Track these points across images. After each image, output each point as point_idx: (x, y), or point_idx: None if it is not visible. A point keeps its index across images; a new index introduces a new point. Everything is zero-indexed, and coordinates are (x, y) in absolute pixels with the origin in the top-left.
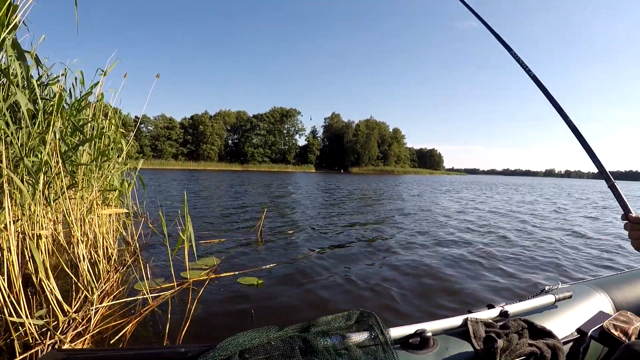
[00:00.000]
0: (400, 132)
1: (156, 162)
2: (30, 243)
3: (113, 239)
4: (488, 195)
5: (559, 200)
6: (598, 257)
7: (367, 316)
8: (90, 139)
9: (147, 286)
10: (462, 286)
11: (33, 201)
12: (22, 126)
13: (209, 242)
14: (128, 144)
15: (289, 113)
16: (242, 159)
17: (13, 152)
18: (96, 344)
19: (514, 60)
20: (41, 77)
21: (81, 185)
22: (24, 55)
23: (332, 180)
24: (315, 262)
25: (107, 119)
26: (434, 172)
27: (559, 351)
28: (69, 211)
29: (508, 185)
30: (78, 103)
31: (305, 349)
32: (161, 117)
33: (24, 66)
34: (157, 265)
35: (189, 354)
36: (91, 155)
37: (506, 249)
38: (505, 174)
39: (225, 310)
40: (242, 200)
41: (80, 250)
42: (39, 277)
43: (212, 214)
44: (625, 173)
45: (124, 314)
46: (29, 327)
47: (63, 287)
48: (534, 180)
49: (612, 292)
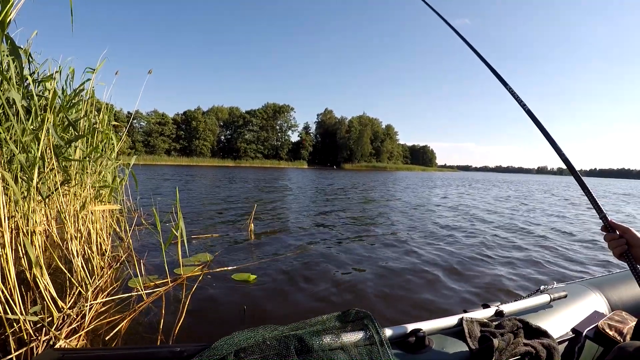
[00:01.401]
0: (393, 129)
1: (149, 158)
2: (25, 239)
3: (107, 235)
4: (461, 191)
5: (531, 195)
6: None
7: (363, 315)
8: (83, 135)
9: (141, 282)
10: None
11: (27, 197)
12: (16, 122)
13: (202, 236)
14: (121, 139)
15: (282, 109)
16: (234, 154)
17: (7, 148)
18: (91, 341)
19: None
20: (33, 74)
21: (74, 182)
22: (17, 51)
23: (325, 177)
24: (308, 258)
25: (100, 115)
26: (427, 168)
27: (554, 351)
28: (62, 207)
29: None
30: (69, 99)
31: (301, 349)
32: (154, 113)
33: (18, 62)
34: (150, 261)
35: (185, 353)
36: (84, 152)
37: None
38: (498, 171)
39: (219, 306)
40: (235, 196)
41: (74, 246)
42: (33, 273)
43: (205, 210)
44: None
45: (119, 310)
46: (24, 324)
47: (57, 284)
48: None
49: (607, 291)
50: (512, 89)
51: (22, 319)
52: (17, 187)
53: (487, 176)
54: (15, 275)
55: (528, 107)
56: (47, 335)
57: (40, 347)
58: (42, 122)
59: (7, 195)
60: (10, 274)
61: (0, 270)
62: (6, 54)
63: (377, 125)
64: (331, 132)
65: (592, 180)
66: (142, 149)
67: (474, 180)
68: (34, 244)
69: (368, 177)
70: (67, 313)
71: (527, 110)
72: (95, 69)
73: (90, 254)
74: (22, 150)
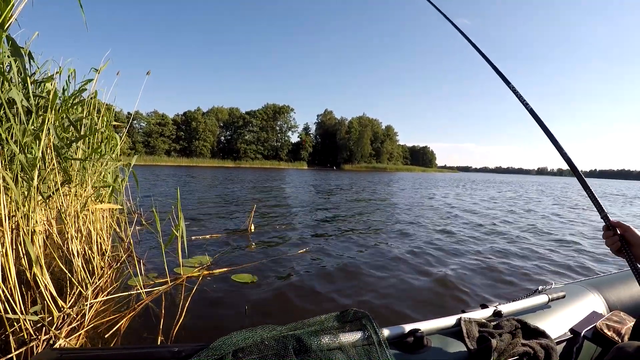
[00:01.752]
0: (393, 130)
1: (149, 158)
2: (25, 238)
3: (107, 236)
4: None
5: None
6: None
7: (361, 316)
8: (84, 135)
9: (140, 282)
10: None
11: (27, 197)
12: (17, 122)
13: (201, 237)
14: (121, 140)
15: (281, 110)
16: (234, 155)
17: (8, 148)
18: (91, 339)
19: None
20: (34, 74)
21: (75, 182)
22: (19, 51)
23: (324, 178)
24: (309, 258)
25: (100, 116)
26: (427, 169)
27: (552, 351)
28: (63, 207)
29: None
30: (70, 99)
31: (299, 349)
32: (154, 114)
33: (20, 63)
34: (150, 261)
35: (183, 353)
36: (85, 152)
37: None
38: (498, 171)
39: (219, 307)
40: (235, 197)
41: (74, 246)
42: (33, 273)
43: (205, 211)
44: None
45: (118, 309)
46: (24, 323)
47: (57, 283)
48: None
49: (605, 292)
50: (515, 88)
51: (22, 318)
52: (17, 187)
53: (486, 177)
54: (16, 275)
55: (531, 106)
56: (47, 334)
57: (40, 346)
58: (43, 122)
59: (7, 195)
60: (10, 274)
61: (0, 270)
62: (7, 54)
63: (377, 126)
64: (331, 133)
65: (592, 181)
66: (142, 150)
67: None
68: (35, 244)
69: (367, 178)
70: (67, 312)
71: (529, 110)
72: (99, 70)
73: (90, 253)
74: (23, 150)
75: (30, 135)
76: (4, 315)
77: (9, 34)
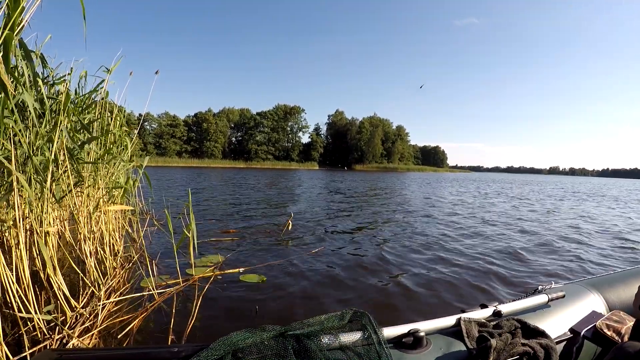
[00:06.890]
0: (404, 130)
1: (160, 159)
2: (38, 239)
3: (119, 236)
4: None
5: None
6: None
7: (361, 315)
8: (97, 137)
9: (153, 282)
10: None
11: (41, 198)
12: (30, 125)
13: (213, 238)
14: (132, 141)
15: (292, 110)
16: (245, 156)
17: (22, 150)
18: (104, 340)
19: None
20: (47, 77)
21: (87, 183)
22: (30, 55)
23: (336, 178)
24: (319, 259)
25: (112, 117)
26: (438, 169)
27: (552, 351)
28: (75, 208)
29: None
30: (82, 101)
31: (299, 349)
32: (165, 115)
33: (31, 66)
34: (162, 262)
35: (182, 353)
36: (97, 153)
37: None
38: (510, 171)
39: (230, 306)
40: (246, 198)
41: (87, 247)
42: (46, 273)
43: (216, 211)
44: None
45: (131, 310)
46: (38, 322)
47: (70, 284)
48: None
49: (605, 291)
50: None
51: (35, 318)
52: (31, 188)
53: (507, 177)
54: (30, 275)
55: None
56: (61, 333)
57: (54, 345)
58: (55, 125)
59: (21, 196)
60: (24, 274)
61: (14, 270)
62: (20, 58)
63: (388, 126)
64: (342, 133)
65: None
66: (153, 151)
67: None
68: (48, 245)
69: (379, 178)
70: (80, 312)
71: None
72: (110, 69)
73: (103, 254)
74: (36, 152)
75: (43, 138)
76: (18, 314)
77: (22, 37)
